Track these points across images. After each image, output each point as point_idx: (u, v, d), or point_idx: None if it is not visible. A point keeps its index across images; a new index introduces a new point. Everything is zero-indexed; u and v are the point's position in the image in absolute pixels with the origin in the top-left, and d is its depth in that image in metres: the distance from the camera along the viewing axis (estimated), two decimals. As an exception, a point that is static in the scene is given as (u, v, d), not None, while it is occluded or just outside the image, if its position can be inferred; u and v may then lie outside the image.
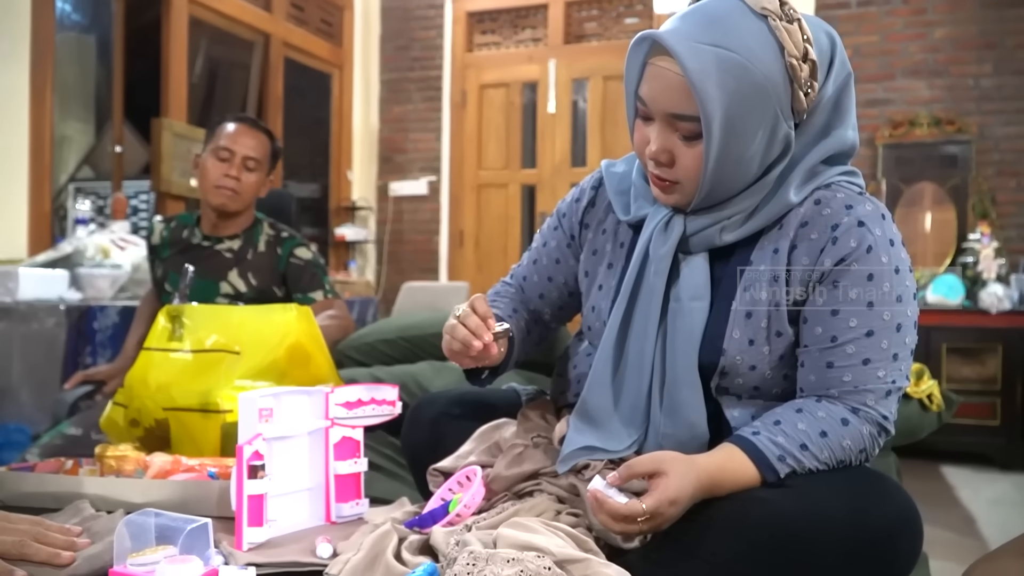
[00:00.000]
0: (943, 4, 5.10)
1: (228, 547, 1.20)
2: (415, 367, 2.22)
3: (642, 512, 1.06)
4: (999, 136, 5.00)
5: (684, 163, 1.23)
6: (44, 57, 3.97)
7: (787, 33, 1.16)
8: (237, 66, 5.76)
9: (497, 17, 6.24)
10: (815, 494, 1.13)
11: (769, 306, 1.25)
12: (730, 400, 1.30)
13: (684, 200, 1.28)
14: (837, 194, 1.26)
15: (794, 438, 1.16)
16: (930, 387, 1.93)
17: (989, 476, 4.31)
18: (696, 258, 1.30)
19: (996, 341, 4.51)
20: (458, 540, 1.12)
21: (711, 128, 1.16)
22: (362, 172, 6.44)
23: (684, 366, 1.27)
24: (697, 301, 1.28)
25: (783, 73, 1.17)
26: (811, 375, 1.24)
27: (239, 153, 2.48)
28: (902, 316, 1.21)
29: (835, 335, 1.21)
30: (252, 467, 1.22)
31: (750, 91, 1.15)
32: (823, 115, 1.26)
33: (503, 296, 1.59)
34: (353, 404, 1.39)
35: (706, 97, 1.14)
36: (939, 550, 2.96)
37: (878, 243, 1.21)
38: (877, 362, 1.20)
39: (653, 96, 1.22)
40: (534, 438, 1.42)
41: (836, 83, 1.25)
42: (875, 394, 1.20)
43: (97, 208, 5.11)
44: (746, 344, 1.26)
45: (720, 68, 1.14)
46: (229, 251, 2.53)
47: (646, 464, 1.11)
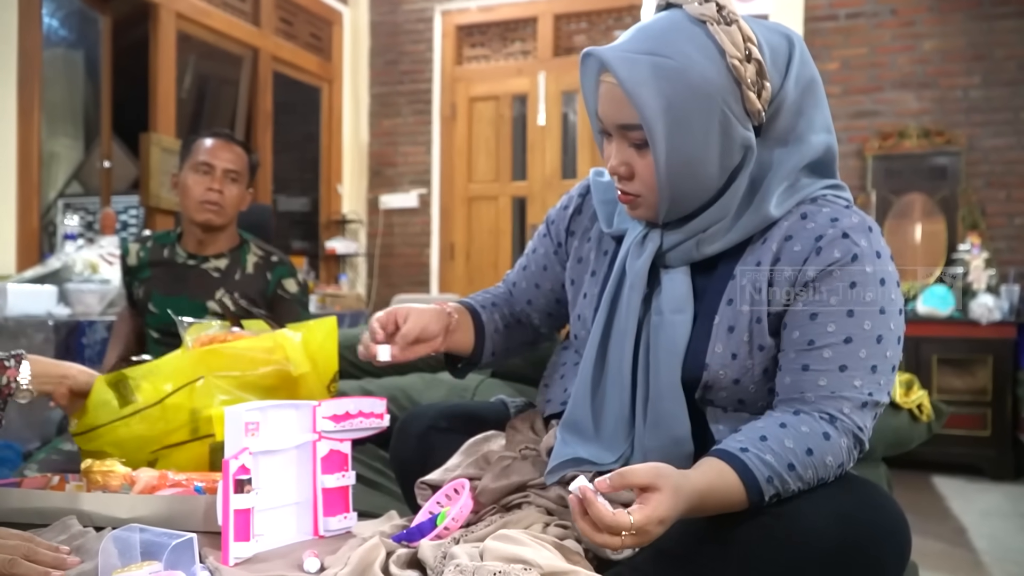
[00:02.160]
0: (932, 16, 5.13)
1: (214, 562, 1.19)
2: (404, 379, 2.21)
3: (629, 526, 1.01)
4: (988, 148, 5.03)
5: (641, 174, 1.25)
6: (31, 73, 3.96)
7: (725, 35, 1.17)
8: (226, 81, 5.76)
9: (486, 30, 6.26)
10: (802, 504, 1.12)
11: (751, 320, 1.25)
12: (715, 412, 1.29)
13: (651, 213, 1.29)
14: (823, 208, 1.25)
15: (782, 456, 1.13)
16: (920, 397, 1.93)
17: (980, 487, 4.32)
18: (677, 271, 1.30)
19: (986, 352, 4.52)
20: (445, 553, 1.11)
21: (653, 133, 1.18)
22: (352, 185, 6.44)
23: (666, 380, 1.27)
24: (679, 314, 1.28)
25: (726, 75, 1.18)
26: (786, 377, 1.22)
27: (219, 167, 2.47)
28: (884, 328, 1.19)
29: (812, 339, 1.20)
30: (238, 481, 1.21)
31: (689, 94, 1.17)
32: (788, 118, 1.24)
33: (489, 293, 1.65)
34: (341, 417, 1.38)
35: (642, 103, 1.17)
36: (930, 561, 2.96)
37: (864, 253, 1.20)
38: (854, 370, 1.18)
39: (604, 112, 1.25)
40: (522, 450, 1.42)
41: (799, 85, 1.24)
42: (851, 403, 1.18)
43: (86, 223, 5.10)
44: (729, 358, 1.25)
45: (655, 75, 1.16)
46: (216, 270, 2.52)
47: (642, 476, 1.05)
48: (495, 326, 1.57)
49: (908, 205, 5.17)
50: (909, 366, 4.45)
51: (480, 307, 1.58)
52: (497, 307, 1.61)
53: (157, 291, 2.54)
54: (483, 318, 1.56)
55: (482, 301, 1.60)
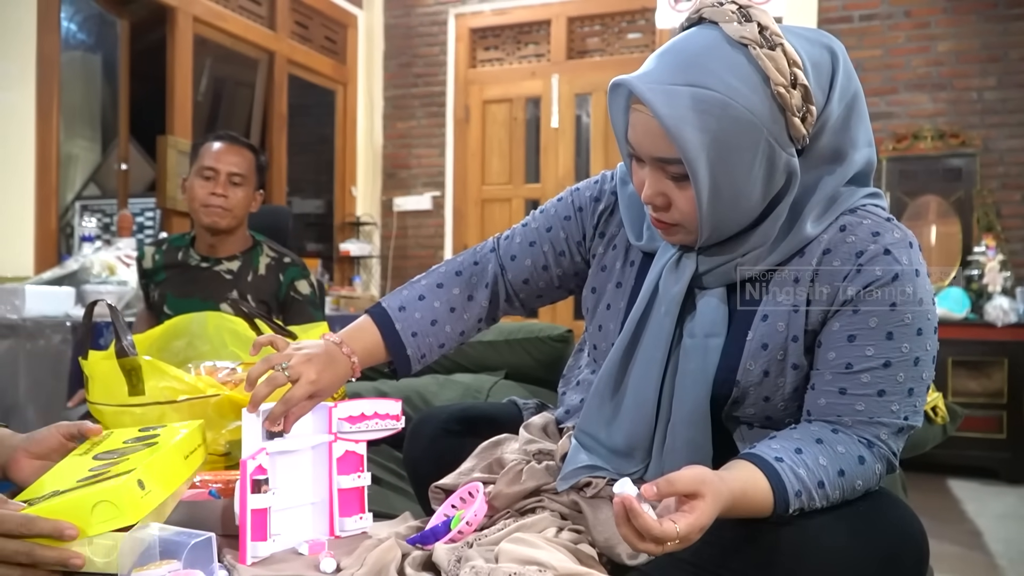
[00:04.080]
0: (946, 18, 5.12)
1: (232, 561, 1.20)
2: (419, 381, 2.22)
3: (675, 535, 0.98)
4: (1003, 149, 5.01)
5: (680, 206, 1.19)
6: (50, 76, 4.00)
7: (770, 61, 1.10)
8: (242, 83, 5.80)
9: (500, 33, 6.27)
10: (819, 515, 1.12)
11: (787, 338, 1.21)
12: (741, 429, 1.27)
13: (689, 239, 1.24)
14: (864, 220, 1.20)
15: (814, 473, 1.11)
16: (935, 400, 1.93)
17: (995, 490, 4.29)
18: (711, 294, 1.26)
19: (1002, 354, 4.50)
20: (460, 557, 1.12)
21: (696, 170, 1.11)
22: (366, 188, 6.46)
23: (692, 406, 1.24)
24: (713, 338, 1.24)
25: (770, 103, 1.11)
26: (821, 399, 1.19)
27: (223, 170, 2.49)
28: (921, 350, 1.16)
29: (850, 362, 1.17)
30: (256, 481, 1.22)
31: (733, 127, 1.10)
32: (831, 136, 1.19)
33: (452, 264, 1.52)
34: (356, 418, 1.39)
35: (684, 140, 1.10)
36: (945, 564, 2.95)
37: (904, 272, 1.15)
38: (892, 395, 1.16)
39: (638, 141, 1.18)
40: (535, 454, 1.41)
41: (843, 100, 1.19)
42: (888, 428, 1.16)
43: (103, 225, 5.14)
44: (760, 375, 1.22)
45: (696, 109, 1.09)
46: (228, 272, 2.53)
47: (688, 483, 1.01)
48: (423, 324, 1.44)
49: (923, 207, 5.16)
50: (924, 368, 4.43)
51: (399, 310, 1.44)
52: (443, 289, 1.48)
53: (172, 293, 2.56)
54: (397, 328, 1.42)
55: (411, 295, 1.47)
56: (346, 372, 1.34)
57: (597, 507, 1.27)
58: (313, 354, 1.29)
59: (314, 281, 2.61)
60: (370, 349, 1.40)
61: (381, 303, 1.45)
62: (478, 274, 1.50)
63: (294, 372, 1.25)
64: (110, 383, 1.59)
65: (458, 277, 1.50)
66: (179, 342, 1.95)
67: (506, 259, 1.50)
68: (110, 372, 1.61)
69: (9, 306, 3.22)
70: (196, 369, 1.77)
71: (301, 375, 1.25)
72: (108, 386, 1.58)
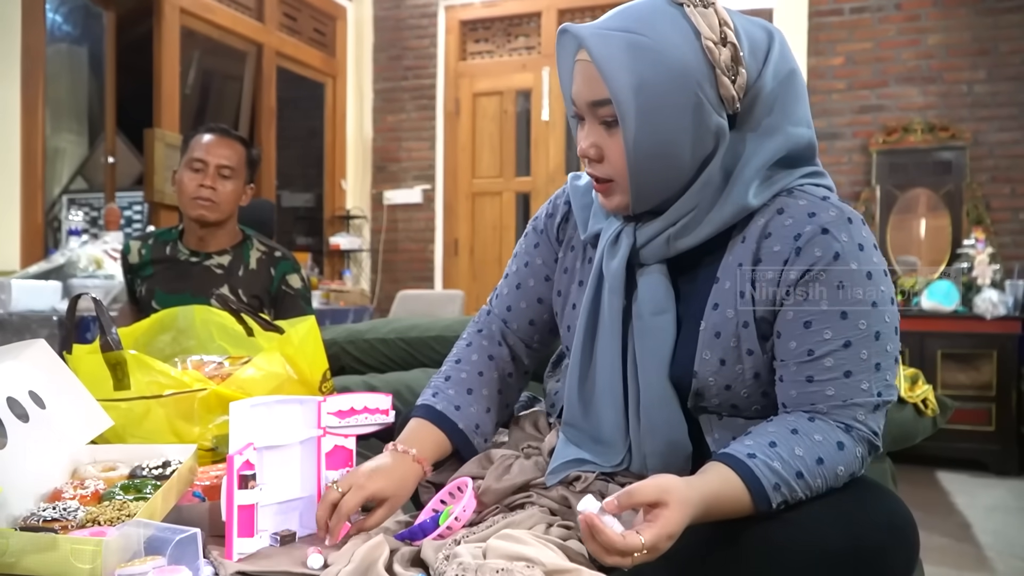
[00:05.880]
0: (936, 11, 5.12)
1: (218, 557, 1.19)
2: (409, 375, 2.21)
3: (640, 547, 0.99)
4: (993, 142, 5.02)
5: (611, 156, 1.22)
6: (35, 69, 3.97)
7: (701, 17, 1.16)
8: (230, 76, 5.77)
9: (490, 26, 6.25)
10: (808, 508, 1.11)
11: (738, 324, 1.21)
12: (709, 420, 1.27)
13: (623, 200, 1.24)
14: (799, 200, 1.20)
15: (790, 464, 1.10)
16: (925, 392, 1.92)
17: (984, 482, 4.31)
18: (652, 271, 1.27)
19: (991, 347, 4.51)
20: (448, 554, 1.11)
21: (623, 109, 1.15)
22: (356, 181, 6.44)
23: (656, 385, 1.25)
24: (660, 316, 1.25)
25: (700, 57, 1.15)
26: (791, 390, 1.19)
27: (212, 163, 2.47)
28: (879, 323, 1.16)
29: (811, 348, 1.17)
30: (243, 477, 1.21)
31: (663, 74, 1.14)
32: (764, 109, 1.20)
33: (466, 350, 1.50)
34: (346, 413, 1.38)
35: (613, 78, 1.14)
36: (934, 556, 2.96)
37: (845, 249, 1.15)
38: (859, 374, 1.15)
39: (578, 91, 1.23)
40: (524, 449, 1.41)
41: (777, 77, 1.21)
42: (864, 408, 1.16)
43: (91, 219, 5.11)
44: (717, 364, 1.22)
45: (629, 52, 1.15)
46: (219, 267, 2.51)
47: (649, 493, 1.03)
48: (480, 413, 1.44)
49: (913, 200, 5.16)
50: (914, 361, 4.44)
51: (455, 409, 1.41)
52: (483, 377, 1.47)
53: (160, 289, 2.54)
54: (460, 426, 1.41)
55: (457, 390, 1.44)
56: (416, 477, 1.33)
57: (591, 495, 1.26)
58: (375, 466, 1.29)
59: (305, 275, 2.60)
60: (439, 451, 1.39)
61: (436, 407, 1.42)
62: (488, 339, 1.52)
63: (344, 484, 1.24)
64: (95, 377, 1.58)
65: (490, 361, 1.50)
66: (165, 336, 1.94)
67: (504, 313, 1.52)
68: (95, 366, 1.60)
69: (-5, 300, 3.20)
70: (183, 363, 1.76)
71: (352, 486, 1.24)
72: (93, 380, 1.56)
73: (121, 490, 1.30)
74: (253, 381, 1.64)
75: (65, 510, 1.20)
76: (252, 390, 1.60)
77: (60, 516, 1.19)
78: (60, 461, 1.38)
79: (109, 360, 1.58)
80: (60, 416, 1.40)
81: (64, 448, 1.39)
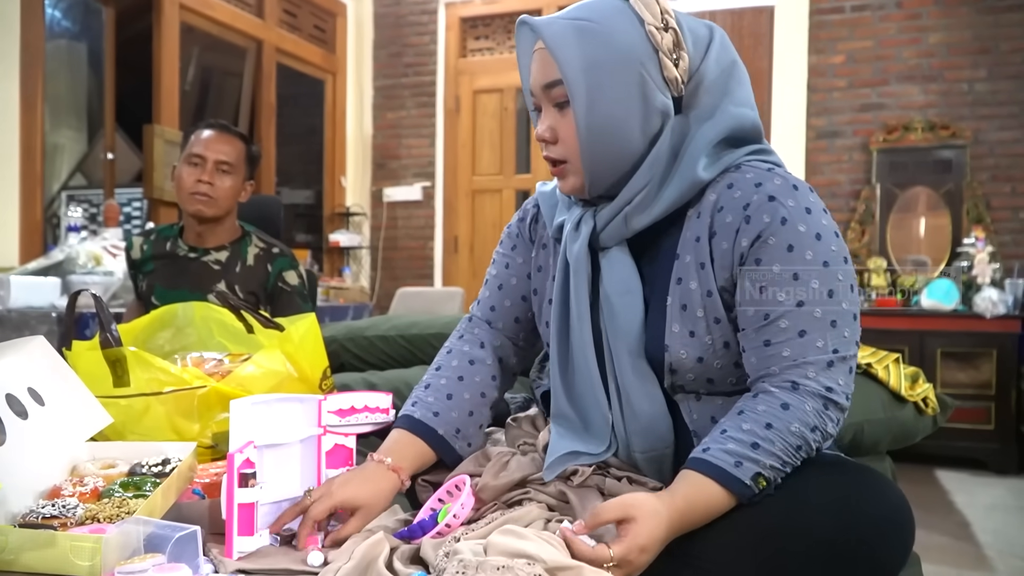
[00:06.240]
0: (937, 9, 5.12)
1: (218, 555, 1.19)
2: (409, 372, 2.21)
3: (609, 558, 1.06)
4: (993, 141, 5.02)
5: (564, 136, 1.28)
6: (34, 65, 3.96)
7: (644, 6, 1.25)
8: (229, 73, 5.76)
9: (490, 23, 6.24)
10: (801, 493, 1.13)
11: (702, 294, 1.26)
12: (687, 399, 1.30)
13: (578, 180, 1.30)
14: (747, 174, 1.25)
15: (743, 441, 1.15)
16: (925, 391, 1.92)
17: (984, 480, 4.31)
18: (614, 252, 1.32)
19: (990, 346, 4.51)
20: (447, 551, 1.11)
21: (573, 88, 1.23)
22: (356, 178, 6.44)
23: (630, 363, 1.29)
24: (626, 295, 1.30)
25: (644, 40, 1.23)
26: (752, 357, 1.23)
27: (210, 158, 2.46)
28: (832, 281, 1.20)
29: (767, 312, 1.21)
30: (243, 475, 1.21)
31: (610, 54, 1.23)
32: (709, 94, 1.28)
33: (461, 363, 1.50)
34: (346, 411, 1.38)
35: (563, 58, 1.22)
36: (934, 555, 2.96)
37: (792, 213, 1.20)
38: (814, 332, 1.19)
39: (534, 79, 1.31)
40: (520, 445, 1.41)
41: (720, 65, 1.28)
42: (815, 366, 1.18)
43: (90, 216, 5.10)
44: (687, 336, 1.26)
45: (578, 35, 1.23)
46: (216, 263, 2.51)
47: (613, 511, 1.10)
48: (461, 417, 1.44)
49: (913, 199, 5.16)
50: (914, 359, 4.45)
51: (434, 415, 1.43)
52: (464, 381, 1.47)
53: (160, 284, 2.54)
54: (439, 432, 1.42)
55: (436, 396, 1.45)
56: (393, 486, 1.34)
57: (584, 496, 1.27)
58: (349, 475, 1.31)
59: (303, 272, 2.59)
60: (419, 459, 1.40)
61: (414, 415, 1.43)
62: (469, 343, 1.53)
63: (316, 493, 1.27)
64: (95, 374, 1.57)
65: (470, 365, 1.50)
66: (165, 333, 1.94)
67: (487, 315, 1.55)
68: (95, 363, 1.59)
69: (-6, 297, 3.19)
70: (183, 360, 1.75)
71: (324, 494, 1.26)
72: (93, 377, 1.56)
73: (120, 487, 1.29)
74: (253, 378, 1.63)
75: (64, 507, 1.20)
76: (252, 387, 1.59)
77: (59, 513, 1.19)
78: (59, 458, 1.37)
79: (109, 357, 1.58)
80: (59, 413, 1.40)
81: (63, 445, 1.39)
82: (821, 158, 5.35)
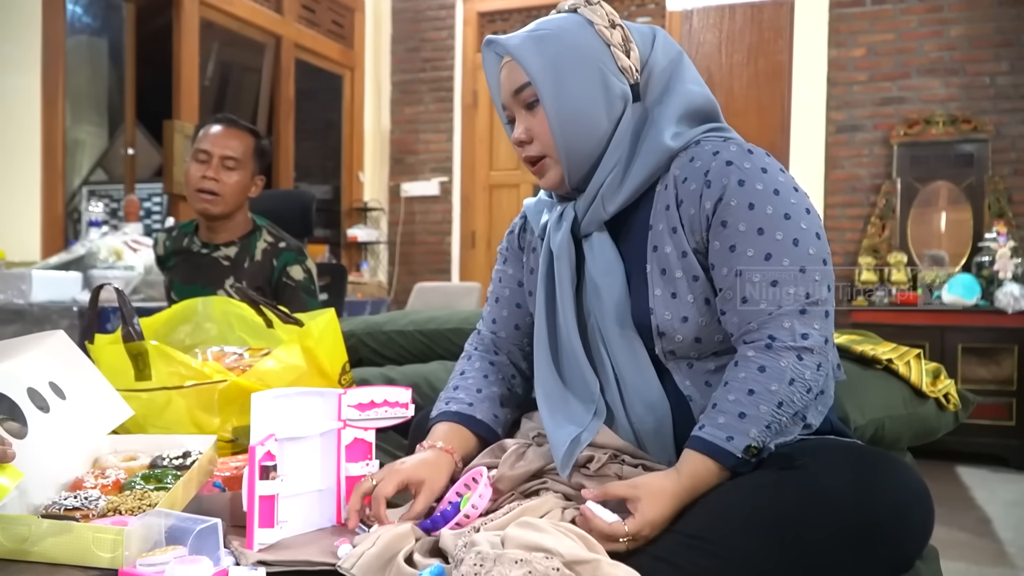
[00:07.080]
0: (959, 2, 5.07)
1: (239, 547, 1.19)
2: (427, 367, 2.21)
3: (624, 533, 1.14)
4: (1015, 135, 4.97)
5: (538, 133, 1.38)
6: (55, 61, 3.99)
7: (592, 12, 1.39)
8: (248, 68, 5.78)
9: (508, 17, 6.23)
10: (821, 478, 1.14)
11: (678, 256, 1.32)
12: (679, 366, 1.35)
13: (557, 173, 1.40)
14: (704, 146, 1.34)
15: (730, 412, 1.21)
16: (947, 386, 1.91)
17: (1005, 477, 4.28)
18: (595, 237, 1.40)
19: (1012, 341, 4.47)
20: (466, 542, 1.11)
21: (540, 86, 1.34)
22: (373, 173, 6.45)
23: (618, 333, 1.36)
24: (610, 276, 1.38)
25: (596, 39, 1.37)
26: (733, 317, 1.29)
27: (216, 154, 2.46)
28: (795, 231, 1.26)
29: (739, 269, 1.27)
30: (264, 467, 1.21)
31: (568, 52, 1.35)
32: (661, 79, 1.39)
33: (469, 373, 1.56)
34: (366, 406, 1.38)
35: (528, 62, 1.34)
36: (954, 551, 2.94)
37: (748, 175, 1.28)
38: (785, 281, 1.25)
39: (504, 89, 1.42)
40: (535, 437, 1.43)
41: (667, 56, 1.40)
42: (789, 316, 1.24)
43: (110, 211, 5.13)
44: (670, 298, 1.32)
45: (538, 42, 1.36)
46: (226, 258, 2.51)
47: (620, 490, 1.20)
48: (495, 407, 1.52)
49: (934, 193, 5.13)
50: (934, 354, 4.41)
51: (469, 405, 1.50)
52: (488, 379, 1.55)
53: (178, 280, 2.56)
54: (478, 417, 1.49)
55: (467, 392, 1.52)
56: (448, 465, 1.39)
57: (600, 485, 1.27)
58: (406, 459, 1.38)
59: (310, 267, 2.57)
60: (465, 445, 1.45)
61: (450, 409, 1.50)
62: (484, 351, 1.62)
63: (378, 476, 1.32)
64: (117, 368, 1.59)
65: (491, 366, 1.59)
66: (186, 327, 1.95)
67: (491, 327, 1.63)
68: (116, 357, 1.60)
69: (16, 291, 3.22)
70: (203, 354, 1.76)
71: (385, 476, 1.32)
72: (114, 371, 1.57)
73: (142, 480, 1.30)
74: (273, 373, 1.64)
75: (86, 499, 1.21)
76: (272, 382, 1.60)
77: (81, 505, 1.20)
78: (81, 451, 1.39)
79: (130, 350, 1.59)
80: (81, 406, 1.41)
81: (85, 438, 1.40)
82: (841, 152, 5.32)
